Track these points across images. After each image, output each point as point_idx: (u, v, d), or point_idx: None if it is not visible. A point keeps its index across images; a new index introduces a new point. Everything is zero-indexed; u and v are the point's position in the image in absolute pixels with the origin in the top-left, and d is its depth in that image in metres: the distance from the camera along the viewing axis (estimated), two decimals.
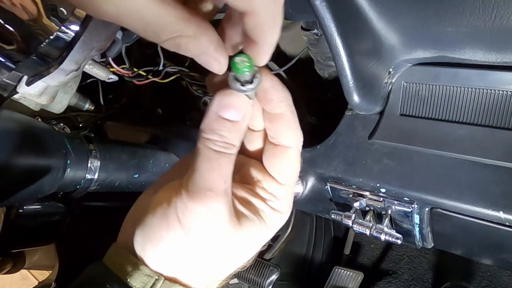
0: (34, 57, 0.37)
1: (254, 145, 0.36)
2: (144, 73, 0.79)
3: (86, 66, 0.62)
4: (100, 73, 0.66)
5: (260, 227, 0.33)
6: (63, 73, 0.39)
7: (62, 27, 0.36)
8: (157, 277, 0.31)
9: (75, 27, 0.36)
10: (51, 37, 0.36)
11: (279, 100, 0.32)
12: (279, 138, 0.34)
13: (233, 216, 0.31)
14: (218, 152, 0.30)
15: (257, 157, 0.36)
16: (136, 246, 0.32)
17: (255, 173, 0.35)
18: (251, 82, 0.29)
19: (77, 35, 0.37)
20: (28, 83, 0.42)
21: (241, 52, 0.29)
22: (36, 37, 0.36)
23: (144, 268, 0.31)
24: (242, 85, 0.29)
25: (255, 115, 0.33)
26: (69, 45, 0.37)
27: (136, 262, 0.32)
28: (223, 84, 0.30)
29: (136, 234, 0.32)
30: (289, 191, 0.35)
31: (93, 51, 0.38)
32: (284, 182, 0.34)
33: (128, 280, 0.31)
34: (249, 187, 0.34)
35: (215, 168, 0.29)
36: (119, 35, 0.51)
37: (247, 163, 0.36)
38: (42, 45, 0.36)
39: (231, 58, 0.28)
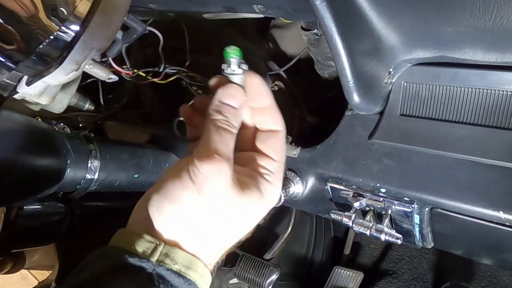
0: (34, 57, 0.37)
1: (247, 142, 0.43)
2: (144, 74, 0.79)
3: (86, 66, 0.62)
4: (100, 73, 0.66)
5: (259, 196, 0.39)
6: (63, 73, 0.39)
7: (62, 27, 0.36)
8: (158, 242, 0.35)
9: (75, 27, 0.36)
10: (51, 37, 0.36)
11: (267, 94, 0.41)
12: (270, 125, 0.42)
13: (237, 182, 0.37)
14: (223, 128, 0.38)
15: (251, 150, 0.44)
16: (151, 209, 0.36)
17: (252, 156, 0.42)
18: (238, 71, 0.40)
19: (77, 35, 0.37)
20: (28, 83, 0.42)
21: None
22: (36, 37, 0.36)
23: (146, 236, 0.35)
24: (233, 71, 0.40)
25: (246, 116, 0.42)
26: (69, 45, 0.36)
27: (140, 233, 0.36)
28: (222, 84, 0.40)
29: (153, 198, 0.37)
30: (281, 167, 0.42)
31: (93, 51, 0.38)
32: (277, 159, 0.41)
33: (133, 247, 0.35)
34: (248, 166, 0.41)
35: (221, 139, 0.37)
36: (119, 35, 0.51)
37: (244, 154, 0.43)
38: (42, 45, 0.36)
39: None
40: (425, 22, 0.44)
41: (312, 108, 0.80)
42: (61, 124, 0.82)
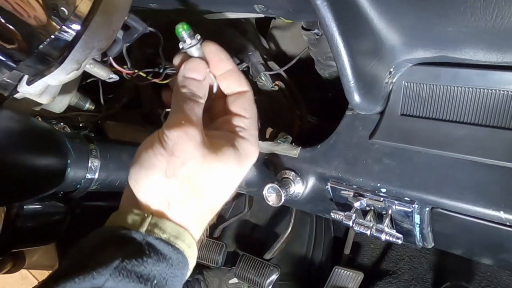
0: (35, 57, 0.37)
1: (221, 110, 0.46)
2: (144, 75, 0.79)
3: (87, 66, 0.62)
4: (101, 73, 0.65)
5: (235, 154, 0.41)
6: (64, 72, 0.39)
7: (63, 27, 0.36)
8: (146, 214, 0.37)
9: (76, 27, 0.36)
10: (52, 36, 0.36)
11: (227, 58, 0.44)
12: (236, 88, 0.45)
13: (208, 144, 0.39)
14: (189, 99, 0.40)
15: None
16: (131, 182, 0.38)
17: (225, 119, 0.44)
18: (193, 42, 0.42)
19: (78, 35, 0.37)
20: (29, 83, 0.42)
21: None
22: (37, 37, 0.36)
23: (134, 209, 0.37)
24: (188, 45, 0.42)
25: (211, 88, 0.45)
26: (70, 45, 0.37)
27: (128, 209, 0.38)
28: (184, 60, 0.43)
29: (131, 172, 0.39)
30: (253, 123, 0.45)
31: (94, 50, 0.38)
32: (248, 116, 0.44)
33: (123, 222, 0.37)
34: (222, 129, 0.44)
35: (187, 108, 0.39)
36: (120, 34, 0.51)
37: (218, 119, 0.46)
38: (43, 45, 0.36)
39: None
40: (426, 22, 0.44)
41: (312, 108, 0.80)
42: (61, 123, 0.82)
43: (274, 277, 1.14)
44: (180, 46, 0.43)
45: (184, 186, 0.38)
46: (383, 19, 0.46)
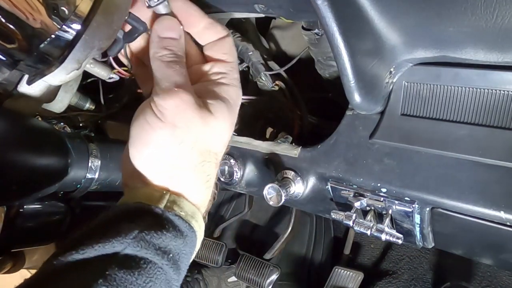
0: (36, 56, 0.37)
1: (194, 58, 0.44)
2: None
3: (87, 66, 0.62)
4: (101, 73, 0.65)
5: (227, 107, 0.39)
6: (64, 72, 0.39)
7: (64, 26, 0.36)
8: (164, 192, 0.36)
9: (77, 26, 0.36)
10: (53, 36, 0.36)
11: (197, 12, 0.41)
12: (214, 37, 0.42)
13: (202, 105, 0.37)
14: (171, 61, 0.38)
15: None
16: (135, 162, 0.37)
17: (199, 67, 0.42)
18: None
19: (79, 34, 0.37)
20: (29, 82, 0.42)
21: None
22: (37, 36, 0.36)
23: (147, 187, 0.36)
24: (155, 1, 0.39)
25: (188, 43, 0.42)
26: (71, 44, 0.36)
27: (139, 186, 0.37)
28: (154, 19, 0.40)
29: (131, 151, 0.37)
30: (235, 66, 0.43)
31: (94, 50, 0.38)
32: (230, 60, 0.42)
33: (135, 199, 0.36)
34: (204, 80, 0.41)
35: (175, 72, 0.37)
36: (120, 34, 0.51)
37: (193, 69, 0.43)
38: (43, 44, 0.36)
39: None
40: (427, 21, 0.44)
41: (313, 108, 0.80)
42: (62, 123, 0.82)
43: (274, 277, 1.14)
44: (147, 4, 0.39)
45: (193, 153, 0.37)
46: (384, 19, 0.46)
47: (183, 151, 0.36)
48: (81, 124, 0.96)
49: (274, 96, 0.77)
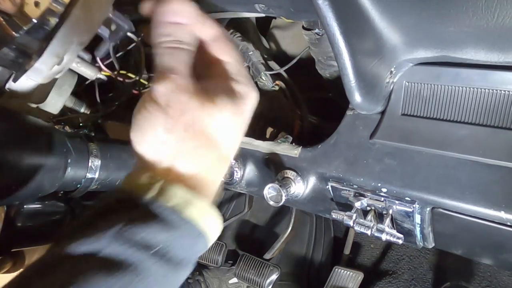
0: (14, 47, 0.37)
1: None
2: (146, 82, 0.78)
3: (74, 65, 0.61)
4: (87, 72, 0.65)
5: (232, 100, 0.38)
6: (45, 67, 0.39)
7: (41, 18, 0.36)
8: (155, 179, 0.35)
9: (54, 19, 0.36)
10: (30, 26, 0.36)
11: (196, 8, 0.39)
12: (209, 34, 0.40)
13: (204, 93, 0.36)
14: (172, 48, 0.36)
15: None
16: (134, 146, 0.37)
17: (207, 66, 0.41)
18: None
19: (56, 27, 0.37)
20: (14, 79, 0.42)
21: None
22: (15, 26, 0.36)
23: (143, 172, 0.36)
24: None
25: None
26: (49, 36, 0.36)
27: (138, 170, 0.36)
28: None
29: (131, 137, 0.37)
30: (240, 63, 0.42)
31: (74, 44, 0.38)
32: (230, 59, 0.41)
33: (130, 185, 0.35)
34: (214, 80, 0.40)
35: (172, 58, 0.36)
36: (106, 33, 0.50)
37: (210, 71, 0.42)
38: (19, 34, 0.36)
39: None
40: (427, 21, 0.44)
41: (313, 108, 0.80)
42: (62, 123, 0.81)
43: (274, 277, 1.14)
44: None
45: (187, 136, 0.36)
46: (384, 19, 0.46)
47: (177, 133, 0.36)
48: (81, 124, 0.96)
49: (275, 96, 0.77)
